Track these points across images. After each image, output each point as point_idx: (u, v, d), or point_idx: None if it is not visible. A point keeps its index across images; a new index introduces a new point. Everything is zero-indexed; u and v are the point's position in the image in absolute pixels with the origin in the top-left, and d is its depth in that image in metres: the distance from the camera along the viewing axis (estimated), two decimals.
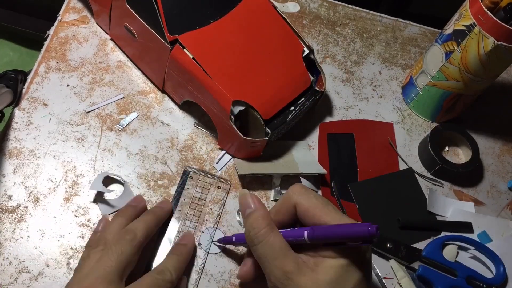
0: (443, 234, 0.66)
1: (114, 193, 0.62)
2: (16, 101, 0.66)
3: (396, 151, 0.73)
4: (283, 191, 0.65)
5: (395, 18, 0.88)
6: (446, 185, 0.71)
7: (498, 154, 0.77)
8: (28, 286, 0.54)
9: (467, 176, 0.71)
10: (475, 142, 0.72)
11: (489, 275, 0.63)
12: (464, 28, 0.64)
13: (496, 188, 0.73)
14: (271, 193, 0.65)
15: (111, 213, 0.60)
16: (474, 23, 0.62)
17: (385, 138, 0.74)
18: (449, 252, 0.63)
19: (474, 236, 0.67)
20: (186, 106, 0.70)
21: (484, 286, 0.60)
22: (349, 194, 0.67)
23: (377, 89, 0.79)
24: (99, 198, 0.61)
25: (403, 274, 0.61)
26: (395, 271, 0.62)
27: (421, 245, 0.65)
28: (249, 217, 0.44)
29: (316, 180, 0.67)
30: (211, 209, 0.63)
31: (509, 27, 0.59)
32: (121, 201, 0.60)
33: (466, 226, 0.67)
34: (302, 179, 0.65)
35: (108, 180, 0.62)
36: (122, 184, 0.62)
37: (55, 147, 0.63)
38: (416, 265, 0.60)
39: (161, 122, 0.68)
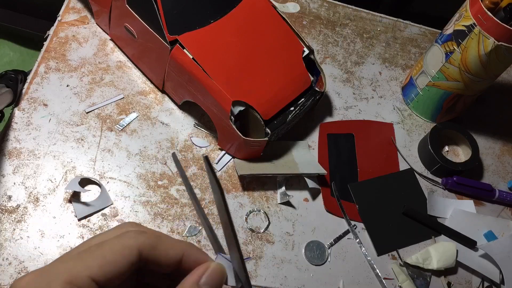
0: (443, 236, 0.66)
1: (90, 194, 0.61)
2: (16, 101, 0.66)
3: (398, 150, 0.73)
4: (289, 193, 0.65)
5: (395, 19, 0.88)
6: None
7: (498, 154, 0.77)
8: None
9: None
10: (475, 140, 0.72)
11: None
12: (464, 28, 0.64)
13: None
14: (277, 197, 0.65)
15: (86, 216, 0.59)
16: (474, 23, 0.62)
17: (385, 138, 0.74)
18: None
19: (480, 238, 0.67)
20: (186, 106, 0.70)
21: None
22: (349, 194, 0.67)
23: (377, 89, 0.79)
24: (75, 199, 0.60)
25: (405, 278, 0.61)
26: (397, 274, 0.62)
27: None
28: None
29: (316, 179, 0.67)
30: (210, 209, 0.63)
31: (509, 27, 0.59)
32: (97, 204, 0.60)
33: (470, 242, 0.66)
34: (306, 179, 0.65)
35: (86, 182, 0.61)
36: (99, 186, 0.62)
37: (55, 147, 0.63)
38: None
39: (161, 122, 0.68)
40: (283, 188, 0.66)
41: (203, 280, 0.29)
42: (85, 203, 0.60)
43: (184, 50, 0.61)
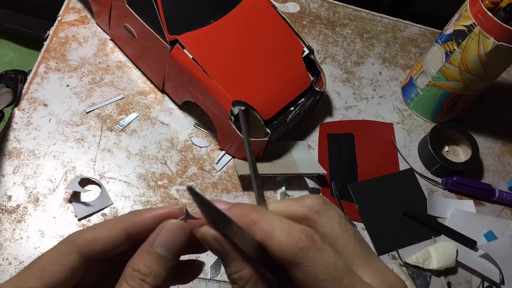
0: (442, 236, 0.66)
1: (90, 194, 0.61)
2: (16, 101, 0.66)
3: (398, 150, 0.73)
4: (289, 194, 0.65)
5: (395, 19, 0.88)
6: None
7: (498, 154, 0.77)
8: None
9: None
10: (475, 140, 0.72)
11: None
12: (464, 28, 0.64)
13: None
14: (277, 197, 0.65)
15: (86, 216, 0.59)
16: (474, 23, 0.62)
17: (385, 138, 0.74)
18: None
19: (480, 238, 0.67)
20: (186, 106, 0.70)
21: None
22: (349, 194, 0.67)
23: (377, 89, 0.79)
24: (75, 199, 0.60)
25: (405, 278, 0.61)
26: (397, 274, 0.62)
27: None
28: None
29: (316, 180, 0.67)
30: None
31: (509, 27, 0.59)
32: (97, 204, 0.60)
33: (470, 242, 0.66)
34: (306, 179, 0.65)
35: (86, 182, 0.61)
36: (99, 186, 0.62)
37: (55, 147, 0.63)
38: None
39: (161, 122, 0.68)
40: (283, 188, 0.66)
41: (156, 242, 0.27)
42: (85, 203, 0.60)
43: (184, 50, 0.61)
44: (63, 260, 0.27)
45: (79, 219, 0.59)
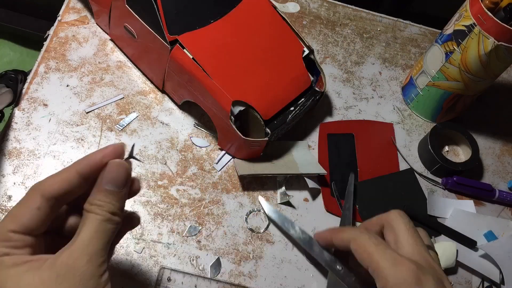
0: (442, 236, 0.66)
1: None
2: (16, 101, 0.66)
3: (398, 150, 0.73)
4: (289, 193, 0.65)
5: (395, 18, 0.88)
6: None
7: (498, 154, 0.77)
8: None
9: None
10: (475, 141, 0.72)
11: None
12: (464, 28, 0.64)
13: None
14: (277, 197, 0.65)
15: None
16: (474, 23, 0.62)
17: (385, 138, 0.74)
18: None
19: (480, 238, 0.67)
20: (186, 106, 0.70)
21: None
22: None
23: (377, 89, 0.79)
24: None
25: None
26: None
27: None
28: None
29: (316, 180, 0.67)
30: (210, 209, 0.63)
31: (509, 27, 0.59)
32: None
33: (470, 242, 0.65)
34: (306, 179, 0.65)
35: None
36: None
37: (55, 147, 0.63)
38: None
39: (161, 122, 0.68)
40: (283, 188, 0.66)
41: (104, 180, 0.34)
42: None
43: (184, 50, 0.61)
44: (28, 203, 0.33)
45: None
